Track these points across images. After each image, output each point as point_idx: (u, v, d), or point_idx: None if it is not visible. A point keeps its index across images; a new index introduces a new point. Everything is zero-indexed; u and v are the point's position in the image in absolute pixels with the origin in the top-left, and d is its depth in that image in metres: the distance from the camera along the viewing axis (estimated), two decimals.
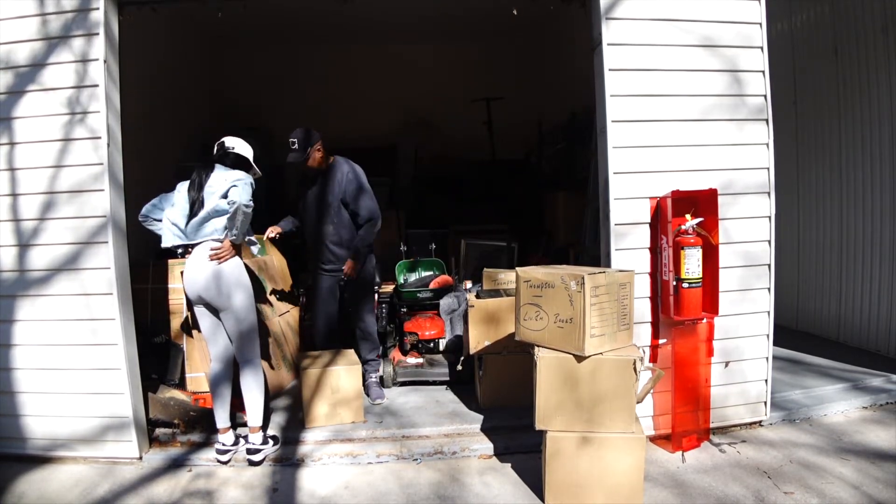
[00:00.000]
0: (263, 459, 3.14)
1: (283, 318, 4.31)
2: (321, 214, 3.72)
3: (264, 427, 3.22)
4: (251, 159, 3.27)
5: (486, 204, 7.05)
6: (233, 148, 3.20)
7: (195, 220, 2.98)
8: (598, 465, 2.64)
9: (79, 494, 2.89)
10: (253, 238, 3.24)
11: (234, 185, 2.97)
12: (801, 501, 2.67)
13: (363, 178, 3.74)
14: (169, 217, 3.04)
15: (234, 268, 3.04)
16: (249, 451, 3.12)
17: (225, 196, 2.97)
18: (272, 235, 3.77)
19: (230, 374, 3.21)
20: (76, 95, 3.08)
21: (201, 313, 3.13)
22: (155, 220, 3.11)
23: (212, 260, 2.98)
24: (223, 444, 3.14)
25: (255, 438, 3.13)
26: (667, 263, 3.10)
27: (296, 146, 3.57)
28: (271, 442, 3.21)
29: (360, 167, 3.79)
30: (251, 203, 2.96)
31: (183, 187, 3.07)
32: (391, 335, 4.55)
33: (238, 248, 3.08)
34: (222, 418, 3.17)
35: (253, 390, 3.14)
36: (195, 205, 2.98)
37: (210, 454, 3.17)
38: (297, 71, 7.70)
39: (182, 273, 3.10)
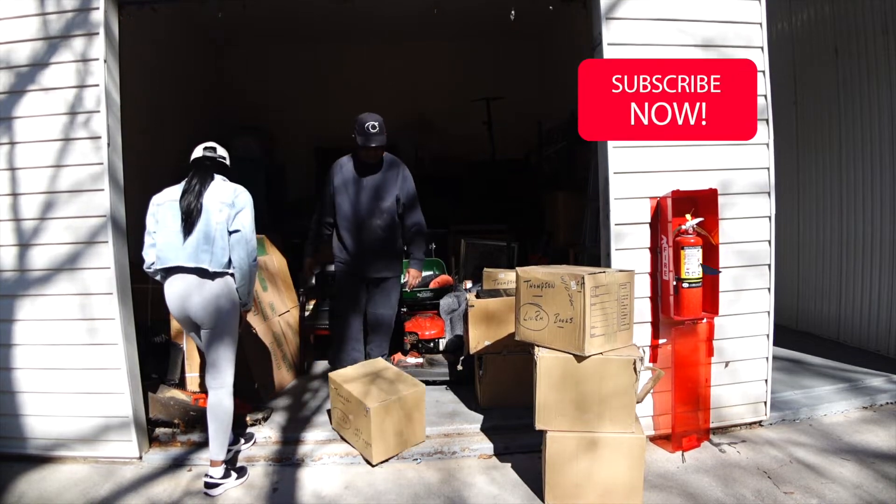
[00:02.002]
0: (223, 492, 2.86)
1: (283, 317, 4.31)
2: (368, 209, 3.63)
3: (227, 460, 2.94)
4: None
5: (486, 204, 7.04)
6: (224, 158, 3.02)
7: (193, 237, 2.74)
8: (597, 465, 2.64)
9: (79, 494, 2.89)
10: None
11: (241, 211, 2.80)
12: (801, 502, 2.67)
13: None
14: (163, 239, 2.80)
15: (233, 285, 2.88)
16: (208, 486, 2.83)
17: (230, 207, 2.80)
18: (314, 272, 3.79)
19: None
20: (76, 95, 3.08)
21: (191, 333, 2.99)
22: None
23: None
24: (211, 478, 2.84)
25: (215, 472, 2.84)
26: (667, 263, 3.10)
27: (376, 129, 3.51)
28: (235, 475, 2.93)
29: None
30: (256, 255, 2.88)
31: (164, 206, 2.83)
32: None
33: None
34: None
35: (223, 420, 2.83)
36: (192, 213, 2.74)
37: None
38: (296, 70, 7.70)
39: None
